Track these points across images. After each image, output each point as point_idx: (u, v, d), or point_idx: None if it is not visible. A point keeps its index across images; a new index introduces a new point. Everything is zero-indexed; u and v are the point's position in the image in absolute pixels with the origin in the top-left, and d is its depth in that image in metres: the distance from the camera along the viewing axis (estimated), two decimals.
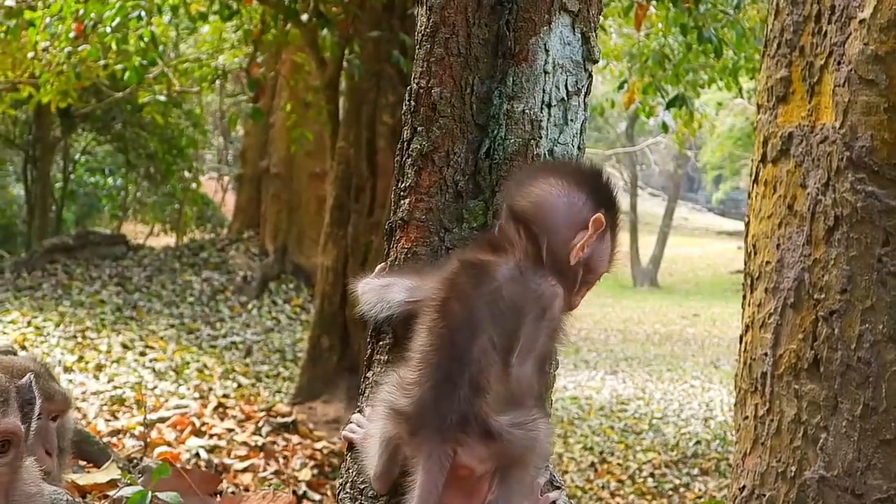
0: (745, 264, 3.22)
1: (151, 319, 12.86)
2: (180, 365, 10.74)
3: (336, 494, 2.21)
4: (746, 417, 3.10)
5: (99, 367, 10.09)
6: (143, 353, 10.96)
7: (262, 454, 7.35)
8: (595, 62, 2.23)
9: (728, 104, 23.55)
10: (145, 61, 9.26)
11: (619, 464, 10.11)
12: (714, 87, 11.47)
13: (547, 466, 2.12)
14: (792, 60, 3.02)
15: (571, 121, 2.20)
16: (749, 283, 3.15)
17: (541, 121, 2.16)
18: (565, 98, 2.18)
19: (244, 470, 6.87)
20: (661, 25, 10.08)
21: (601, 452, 10.50)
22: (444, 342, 1.88)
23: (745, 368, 3.14)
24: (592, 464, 10.04)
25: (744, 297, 3.21)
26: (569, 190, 1.97)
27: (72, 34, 8.81)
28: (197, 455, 6.85)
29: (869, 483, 2.78)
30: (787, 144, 3.01)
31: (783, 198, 3.02)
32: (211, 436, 7.59)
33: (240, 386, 10.47)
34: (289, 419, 8.28)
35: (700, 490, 9.37)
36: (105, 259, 15.00)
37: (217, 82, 14.44)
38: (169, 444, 6.81)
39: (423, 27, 2.19)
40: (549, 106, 2.16)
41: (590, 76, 2.23)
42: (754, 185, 3.18)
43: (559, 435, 10.66)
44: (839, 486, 2.82)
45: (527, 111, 2.15)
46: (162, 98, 11.55)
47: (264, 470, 7.03)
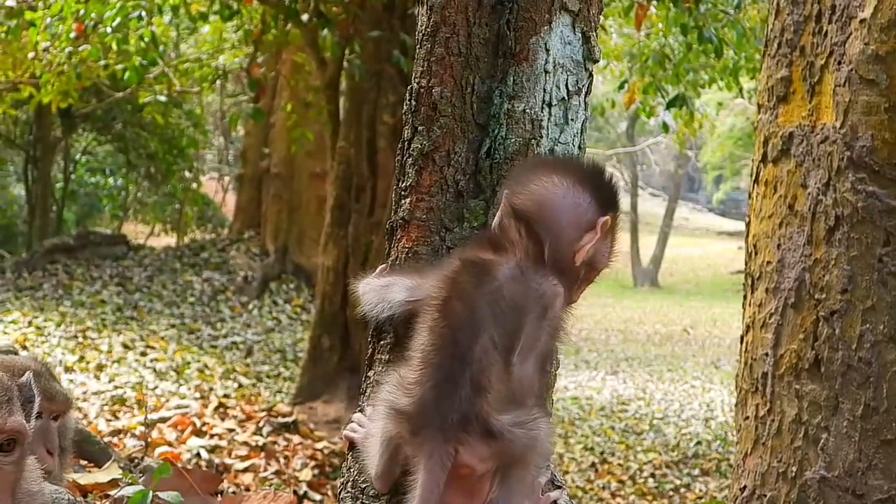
0: (745, 264, 3.22)
1: (152, 319, 12.86)
2: (181, 365, 10.74)
3: (337, 494, 2.21)
4: (747, 417, 3.10)
5: (100, 367, 10.09)
6: (143, 353, 10.96)
7: (262, 454, 7.35)
8: (596, 62, 2.23)
9: (728, 104, 23.55)
10: (146, 61, 9.26)
11: (619, 464, 10.11)
12: (714, 87, 11.46)
13: (548, 466, 2.12)
14: (792, 60, 3.02)
15: (572, 120, 2.20)
16: (750, 283, 3.15)
17: (541, 120, 2.16)
18: (566, 97, 2.18)
19: (245, 470, 6.87)
20: (662, 25, 10.07)
21: (602, 453, 10.50)
22: (445, 342, 1.88)
23: (745, 368, 3.14)
24: (593, 464, 10.04)
25: (745, 297, 3.21)
26: (573, 190, 1.96)
27: (72, 34, 8.81)
28: (198, 455, 6.86)
29: (870, 483, 2.78)
30: (787, 144, 3.01)
31: (784, 198, 3.02)
32: (212, 436, 7.59)
33: (240, 386, 10.47)
34: (289, 419, 8.28)
35: (701, 490, 9.37)
36: (106, 259, 15.00)
37: (217, 82, 14.44)
38: (170, 444, 6.82)
39: (423, 27, 2.20)
40: (549, 105, 2.16)
41: (590, 76, 2.23)
42: (755, 185, 3.18)
43: (560, 435, 10.66)
44: (840, 486, 2.82)
45: (527, 110, 2.15)
46: (162, 98, 11.54)
47: (265, 470, 7.03)
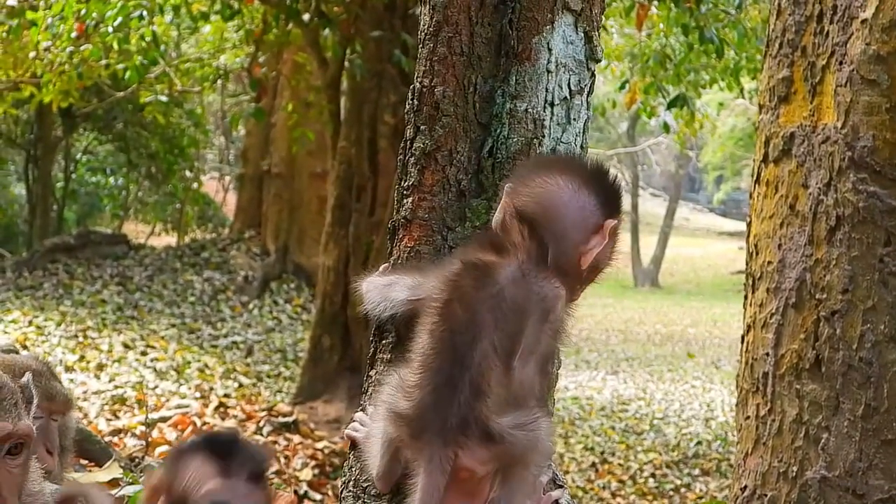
0: (746, 264, 3.21)
1: (152, 319, 12.87)
2: (181, 364, 10.74)
3: (339, 493, 2.21)
4: (748, 417, 3.10)
5: (100, 367, 10.09)
6: (144, 353, 10.96)
7: None
8: (598, 61, 2.23)
9: (729, 104, 23.53)
10: (147, 61, 9.26)
11: (620, 464, 10.11)
12: (715, 87, 11.46)
13: (549, 465, 2.12)
14: (794, 60, 3.02)
15: (574, 120, 2.20)
16: (751, 283, 3.15)
17: (543, 120, 2.16)
18: (568, 97, 2.18)
19: None
20: (663, 25, 10.07)
21: (602, 453, 10.49)
22: (445, 345, 1.87)
23: (746, 368, 3.14)
24: (593, 464, 10.03)
25: (745, 297, 3.20)
26: (578, 192, 1.94)
27: (73, 34, 8.81)
28: None
29: (870, 483, 2.78)
30: (788, 144, 3.01)
31: (785, 198, 3.01)
32: None
33: (241, 386, 10.47)
34: (290, 419, 8.29)
35: (701, 490, 9.37)
36: (106, 259, 15.01)
37: (218, 82, 14.44)
38: (170, 444, 6.81)
39: (426, 26, 2.20)
40: (551, 105, 2.16)
41: (592, 75, 2.23)
42: (756, 185, 3.18)
43: (560, 435, 10.65)
44: (840, 486, 2.82)
45: (530, 110, 2.15)
46: (163, 98, 11.54)
47: None
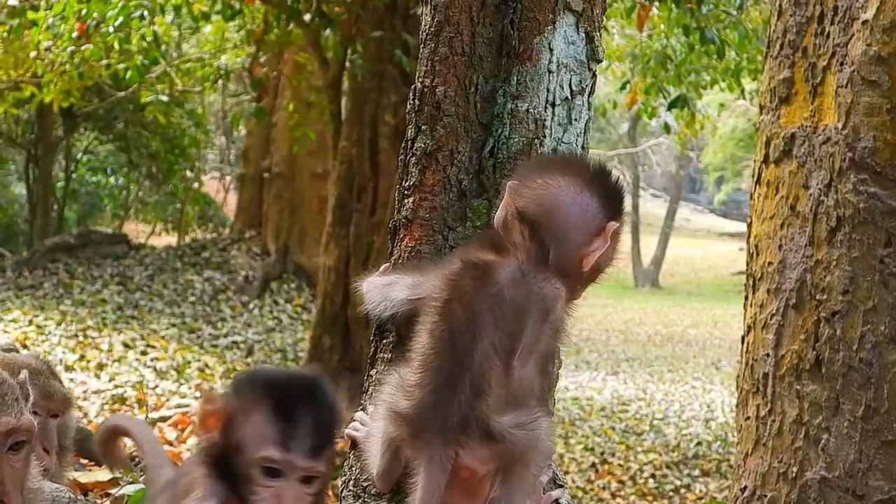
0: (747, 265, 3.21)
1: (153, 319, 12.87)
2: (182, 364, 10.74)
3: (339, 492, 2.21)
4: (748, 418, 3.10)
5: (100, 366, 10.09)
6: (144, 353, 10.96)
7: None
8: (599, 62, 2.23)
9: (730, 105, 23.52)
10: (147, 61, 9.26)
11: (620, 464, 10.11)
12: (716, 88, 11.45)
13: (549, 465, 2.12)
14: (795, 61, 3.02)
15: (575, 120, 2.20)
16: (751, 283, 3.15)
17: (545, 120, 2.16)
18: (569, 97, 2.19)
19: None
20: (664, 26, 10.06)
21: (602, 453, 10.49)
22: (445, 345, 1.88)
23: (746, 369, 3.14)
24: (593, 464, 10.03)
25: (746, 297, 3.20)
26: (581, 194, 1.93)
27: (74, 34, 8.81)
28: None
29: (870, 484, 2.78)
30: (789, 145, 3.01)
31: (785, 199, 3.01)
32: None
33: None
34: None
35: (701, 491, 9.36)
36: (107, 258, 15.01)
37: (219, 82, 14.43)
38: (170, 444, 6.82)
39: (427, 26, 2.20)
40: (552, 105, 2.17)
41: (594, 76, 2.23)
42: (756, 186, 3.18)
43: (560, 436, 10.64)
44: (841, 486, 2.82)
45: (531, 110, 2.15)
46: (164, 98, 11.54)
47: None
